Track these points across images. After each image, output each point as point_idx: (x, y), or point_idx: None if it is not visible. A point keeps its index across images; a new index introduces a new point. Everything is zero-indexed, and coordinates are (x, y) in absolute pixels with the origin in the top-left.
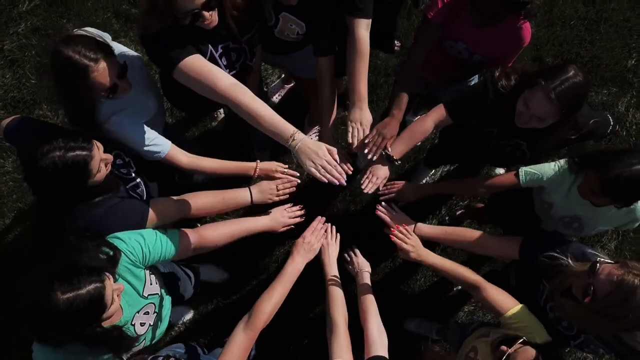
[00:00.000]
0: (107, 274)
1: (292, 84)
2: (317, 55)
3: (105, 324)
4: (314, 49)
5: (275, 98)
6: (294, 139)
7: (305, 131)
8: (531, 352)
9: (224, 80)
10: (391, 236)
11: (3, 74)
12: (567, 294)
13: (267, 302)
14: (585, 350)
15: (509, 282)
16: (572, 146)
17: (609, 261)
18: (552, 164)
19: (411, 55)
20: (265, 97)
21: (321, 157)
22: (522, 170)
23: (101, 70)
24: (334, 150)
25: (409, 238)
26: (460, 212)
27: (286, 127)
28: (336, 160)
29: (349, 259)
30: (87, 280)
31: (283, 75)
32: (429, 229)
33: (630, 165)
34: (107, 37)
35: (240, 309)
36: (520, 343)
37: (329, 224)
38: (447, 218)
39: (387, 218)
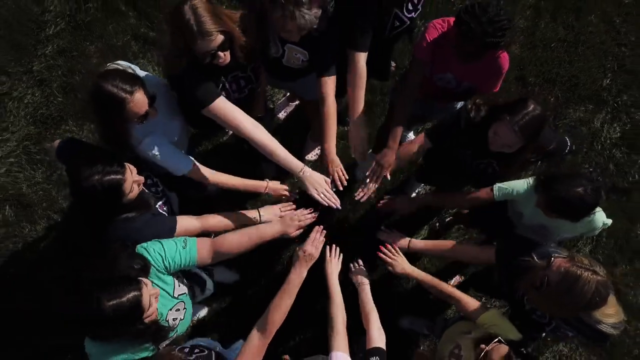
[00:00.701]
0: (145, 281)
1: (297, 102)
2: (320, 76)
3: (146, 321)
4: (316, 71)
5: (281, 115)
6: (303, 173)
7: (308, 146)
8: (504, 349)
9: (246, 124)
10: (378, 253)
11: (32, 92)
12: (533, 286)
13: (277, 312)
14: (557, 335)
15: (491, 281)
16: (540, 164)
17: (563, 255)
18: (522, 181)
19: (404, 90)
20: (271, 114)
21: (322, 187)
22: (497, 186)
23: (136, 101)
24: (329, 180)
25: (395, 255)
26: (449, 219)
27: (297, 164)
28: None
29: (352, 269)
30: (128, 289)
31: (288, 94)
32: (421, 243)
33: (569, 188)
34: (136, 69)
35: (250, 306)
36: (496, 341)
37: (334, 245)
38: (437, 224)
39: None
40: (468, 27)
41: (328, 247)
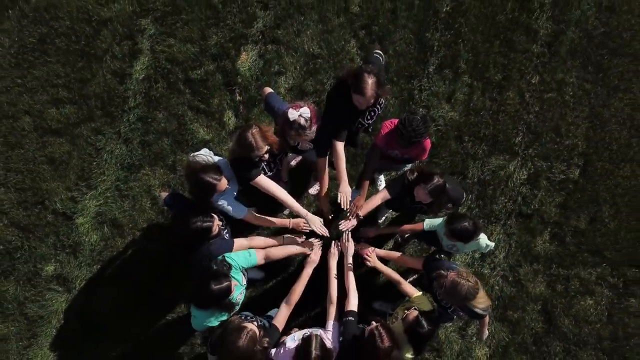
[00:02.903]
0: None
1: None
2: (317, 157)
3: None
4: (316, 153)
5: (293, 163)
6: (307, 216)
7: (311, 183)
8: (415, 312)
9: (274, 189)
10: (364, 255)
11: (120, 147)
12: (439, 286)
13: (295, 293)
14: (455, 314)
15: (422, 281)
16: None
17: (455, 271)
18: (440, 219)
19: (368, 161)
20: (286, 161)
21: (317, 223)
22: (425, 222)
23: (221, 184)
24: (321, 220)
25: (370, 256)
26: (407, 234)
27: (304, 211)
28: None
29: (344, 237)
30: (225, 280)
31: None
32: (382, 252)
33: (460, 224)
34: (211, 154)
35: (272, 295)
36: (412, 309)
37: (336, 241)
38: (399, 238)
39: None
40: (401, 132)
41: (333, 242)
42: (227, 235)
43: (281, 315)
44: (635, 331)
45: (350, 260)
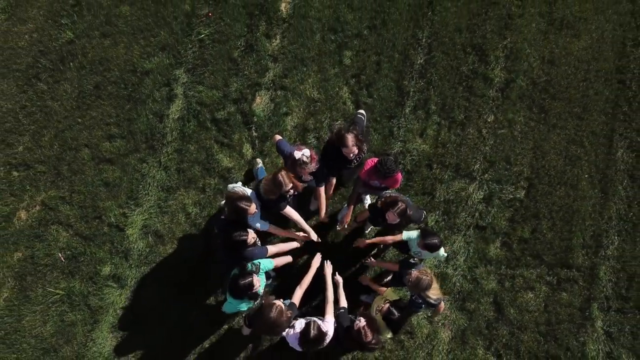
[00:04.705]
0: (255, 274)
1: None
2: (317, 185)
3: (253, 290)
4: (315, 182)
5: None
6: (310, 232)
7: (312, 202)
8: (387, 304)
9: (292, 214)
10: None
11: (160, 173)
12: (407, 281)
13: (306, 279)
14: (418, 301)
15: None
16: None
17: (419, 269)
18: (414, 231)
19: (354, 187)
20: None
21: (315, 237)
22: (403, 233)
23: (252, 209)
24: (316, 234)
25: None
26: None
27: (309, 228)
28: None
29: (336, 278)
30: (249, 276)
31: None
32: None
33: (432, 240)
34: (242, 187)
35: (282, 288)
36: (385, 302)
37: (328, 261)
38: (382, 246)
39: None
40: (378, 169)
41: (327, 261)
42: (259, 243)
43: (297, 295)
44: (565, 318)
45: (339, 277)
